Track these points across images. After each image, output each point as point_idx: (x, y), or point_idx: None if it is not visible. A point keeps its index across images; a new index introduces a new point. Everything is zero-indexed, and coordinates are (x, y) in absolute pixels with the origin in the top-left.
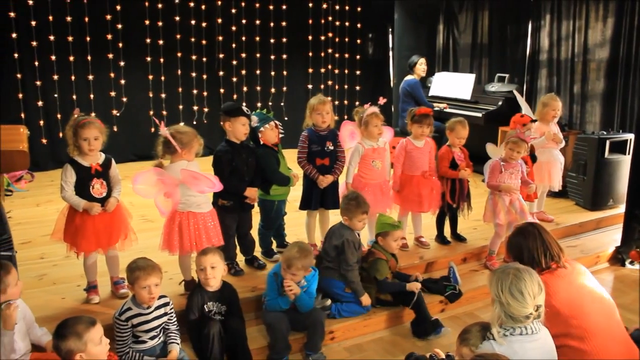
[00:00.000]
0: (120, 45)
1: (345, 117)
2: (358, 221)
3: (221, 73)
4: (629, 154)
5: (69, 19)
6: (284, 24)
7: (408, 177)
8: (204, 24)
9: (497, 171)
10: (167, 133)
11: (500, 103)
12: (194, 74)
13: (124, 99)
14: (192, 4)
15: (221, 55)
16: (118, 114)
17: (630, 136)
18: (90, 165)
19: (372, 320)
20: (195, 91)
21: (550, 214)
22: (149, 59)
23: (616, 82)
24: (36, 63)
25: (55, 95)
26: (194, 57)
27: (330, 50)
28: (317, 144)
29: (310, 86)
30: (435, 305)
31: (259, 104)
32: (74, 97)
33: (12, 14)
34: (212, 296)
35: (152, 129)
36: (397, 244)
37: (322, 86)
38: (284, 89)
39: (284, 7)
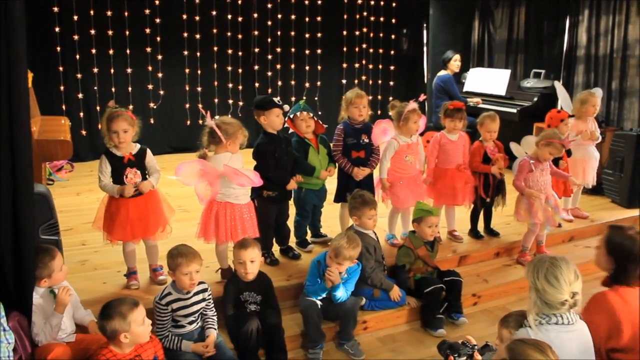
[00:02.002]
0: (158, 39)
1: (379, 112)
2: (368, 219)
3: (256, 67)
4: None
5: (109, 13)
6: (319, 19)
7: (442, 170)
8: (240, 19)
9: (526, 170)
10: (213, 123)
11: (535, 99)
12: (229, 68)
13: (161, 92)
14: None
15: (256, 50)
16: (155, 107)
17: None
18: (124, 155)
19: (405, 311)
20: (230, 85)
21: (585, 210)
22: (185, 52)
23: None
24: (77, 56)
25: (95, 88)
26: (229, 51)
27: (364, 46)
28: (353, 137)
29: (344, 81)
30: (468, 298)
31: (293, 98)
32: (113, 89)
33: (55, 9)
34: (247, 286)
35: (188, 122)
36: (431, 231)
37: (356, 81)
38: (318, 83)
39: (320, 2)
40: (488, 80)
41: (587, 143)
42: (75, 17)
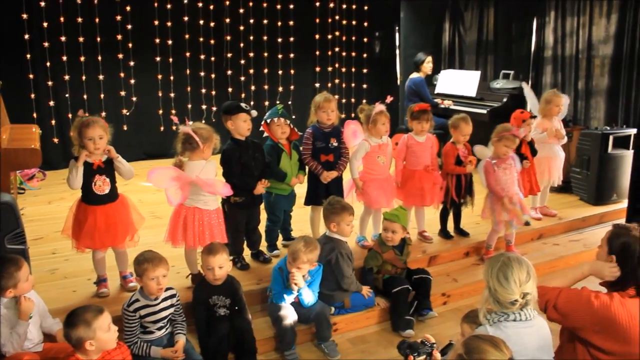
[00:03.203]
0: (130, 45)
1: (353, 115)
2: (346, 225)
3: (229, 72)
4: (632, 149)
5: (79, 20)
6: (291, 23)
7: (410, 172)
8: (212, 24)
9: (491, 171)
10: (189, 129)
11: (505, 99)
12: (202, 74)
13: (134, 99)
14: (200, 4)
15: (229, 55)
16: (128, 114)
17: (633, 131)
18: (93, 162)
19: (375, 313)
20: (203, 90)
21: (554, 208)
22: (158, 58)
23: (620, 78)
24: (48, 64)
25: (67, 95)
26: (202, 57)
27: (337, 49)
28: (322, 141)
29: (317, 85)
30: (438, 298)
31: (266, 103)
32: (85, 97)
33: (24, 16)
34: (216, 290)
35: (162, 128)
36: (390, 236)
37: (330, 84)
38: (292, 87)
39: (291, 6)
40: (459, 82)
41: (553, 142)
42: (45, 24)
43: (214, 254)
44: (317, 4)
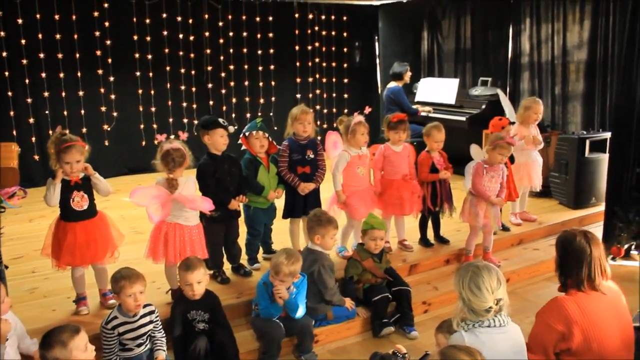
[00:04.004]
0: (110, 60)
1: (335, 125)
2: (330, 238)
3: (210, 85)
4: (608, 152)
5: (58, 36)
6: (270, 35)
7: (389, 182)
8: (191, 38)
9: (481, 173)
10: (169, 146)
11: (483, 106)
12: (183, 87)
13: (115, 114)
14: (179, 18)
15: (209, 68)
16: (109, 129)
17: (609, 135)
18: (71, 178)
19: (356, 323)
20: (184, 104)
21: (534, 213)
22: (138, 73)
23: (595, 82)
24: (27, 81)
25: (47, 112)
26: (182, 71)
27: (317, 60)
28: (298, 153)
29: (298, 95)
30: (419, 306)
31: (248, 115)
32: (65, 113)
33: (2, 33)
34: (194, 304)
35: (144, 142)
36: (374, 244)
37: (311, 95)
38: (273, 99)
39: (271, 18)
40: (438, 90)
41: (530, 148)
42: (23, 41)
43: (192, 270)
44: (296, 15)
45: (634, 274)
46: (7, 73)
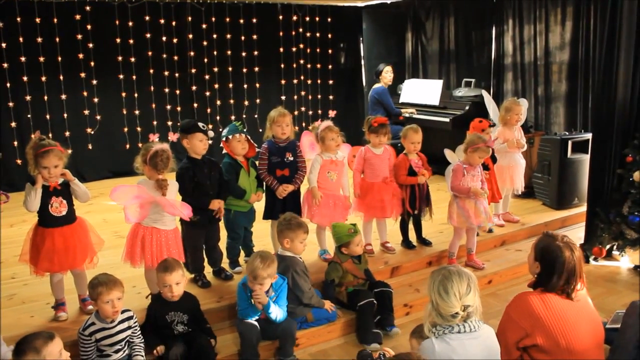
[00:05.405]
0: (92, 64)
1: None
2: (300, 242)
3: (194, 88)
4: (589, 153)
5: (39, 40)
6: (254, 37)
7: (369, 184)
8: (175, 40)
9: (460, 174)
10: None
11: (467, 107)
12: (167, 90)
13: (98, 117)
14: (162, 21)
15: (193, 70)
16: (92, 132)
17: (590, 136)
18: (50, 184)
19: (337, 326)
20: (169, 107)
21: (517, 214)
22: (121, 76)
23: (577, 83)
24: (8, 85)
25: (29, 116)
26: (166, 73)
27: (302, 61)
28: (277, 155)
29: (283, 97)
30: (400, 309)
31: (232, 117)
32: (48, 117)
33: None
34: (173, 306)
35: (128, 145)
36: (360, 247)
37: (296, 97)
38: (258, 101)
39: (254, 20)
40: (422, 91)
41: (513, 151)
42: (4, 45)
43: (170, 271)
44: (281, 17)
45: (616, 275)
46: None
